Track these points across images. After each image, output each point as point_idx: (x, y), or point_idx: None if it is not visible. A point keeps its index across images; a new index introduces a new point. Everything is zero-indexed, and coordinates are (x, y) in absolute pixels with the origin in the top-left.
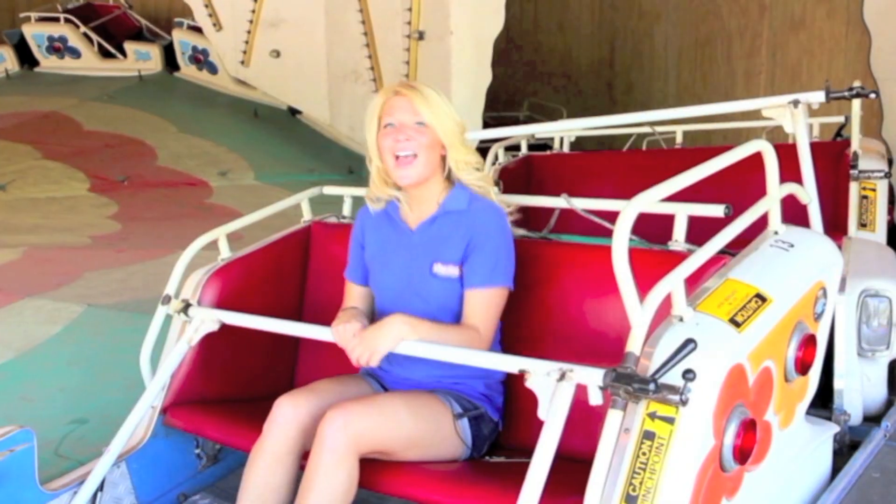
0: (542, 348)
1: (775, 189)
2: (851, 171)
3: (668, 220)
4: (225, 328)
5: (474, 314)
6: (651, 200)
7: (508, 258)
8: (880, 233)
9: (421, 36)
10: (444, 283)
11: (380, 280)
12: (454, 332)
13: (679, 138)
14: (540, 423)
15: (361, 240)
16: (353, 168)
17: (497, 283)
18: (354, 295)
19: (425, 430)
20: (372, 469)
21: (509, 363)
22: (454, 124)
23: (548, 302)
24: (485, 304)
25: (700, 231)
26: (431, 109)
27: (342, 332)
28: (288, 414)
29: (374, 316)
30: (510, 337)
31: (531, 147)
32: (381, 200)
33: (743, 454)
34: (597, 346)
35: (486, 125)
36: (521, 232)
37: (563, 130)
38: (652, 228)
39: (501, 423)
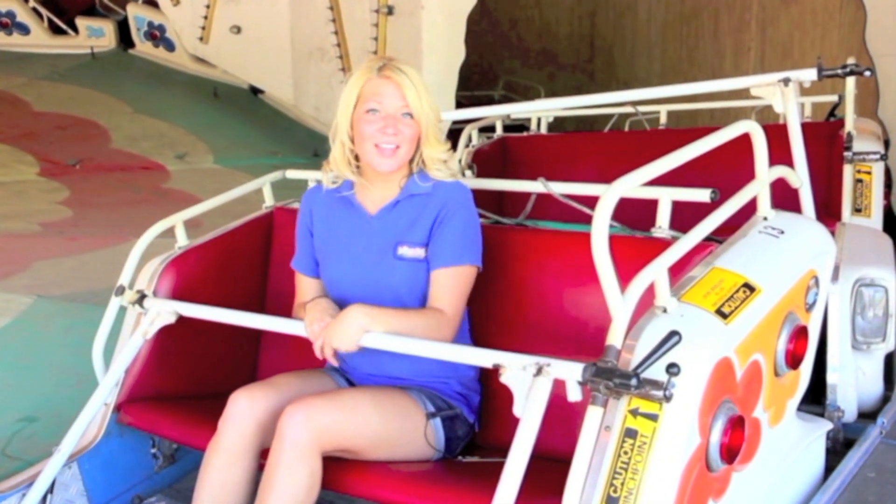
0: (518, 341)
1: (764, 172)
2: (845, 154)
3: (651, 206)
4: (182, 320)
5: (441, 295)
6: (633, 184)
7: (475, 237)
8: (876, 218)
9: (390, 10)
10: (411, 265)
11: (335, 269)
12: (419, 317)
13: (663, 118)
14: (516, 421)
15: (310, 226)
16: (318, 151)
17: (465, 262)
18: (308, 288)
19: (394, 429)
20: (338, 468)
21: (483, 357)
22: (434, 115)
23: (524, 292)
24: (452, 284)
25: (685, 217)
26: (420, 99)
27: (312, 323)
28: (244, 409)
29: None
30: (484, 329)
31: (507, 128)
32: (338, 180)
33: (730, 453)
34: (576, 338)
35: (460, 105)
36: (496, 218)
37: (541, 110)
38: (634, 214)
39: (478, 423)
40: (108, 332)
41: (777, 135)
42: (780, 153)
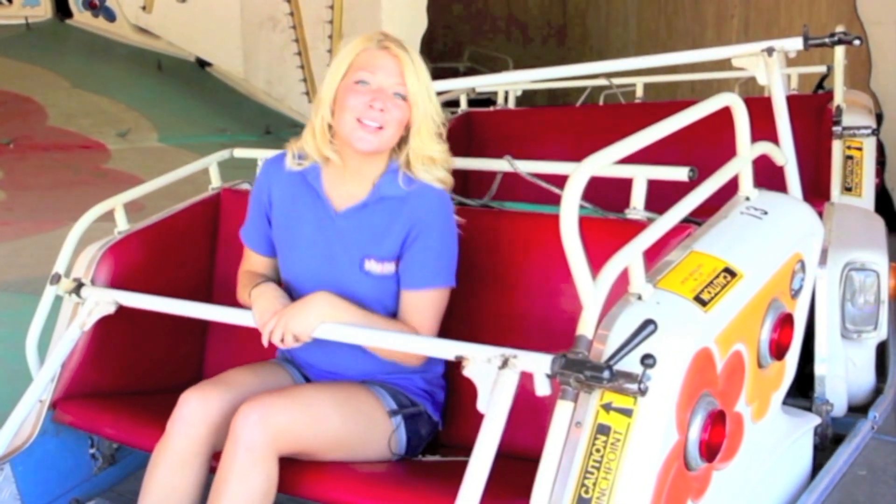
0: (483, 331)
1: (746, 149)
2: (834, 128)
3: (625, 185)
4: (123, 311)
5: (411, 317)
6: (605, 162)
7: (452, 252)
8: (867, 198)
9: None
10: (379, 280)
11: (297, 267)
12: (388, 325)
13: (640, 92)
14: (480, 418)
15: (266, 204)
16: (270, 128)
17: (437, 284)
18: (257, 264)
19: (354, 428)
20: (292, 470)
21: (444, 348)
22: (433, 107)
23: (489, 278)
24: (423, 306)
25: (661, 197)
26: (418, 82)
27: (264, 313)
28: (196, 410)
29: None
30: (446, 318)
31: (472, 102)
32: (305, 161)
33: (710, 450)
34: (544, 328)
35: None
36: (459, 199)
37: (509, 83)
38: (607, 194)
39: (442, 422)
40: (42, 323)
41: (761, 109)
42: (764, 128)
